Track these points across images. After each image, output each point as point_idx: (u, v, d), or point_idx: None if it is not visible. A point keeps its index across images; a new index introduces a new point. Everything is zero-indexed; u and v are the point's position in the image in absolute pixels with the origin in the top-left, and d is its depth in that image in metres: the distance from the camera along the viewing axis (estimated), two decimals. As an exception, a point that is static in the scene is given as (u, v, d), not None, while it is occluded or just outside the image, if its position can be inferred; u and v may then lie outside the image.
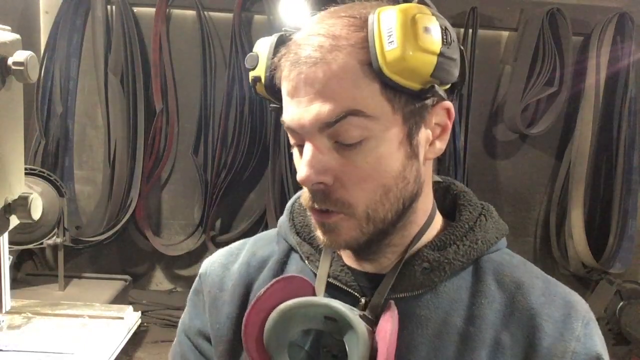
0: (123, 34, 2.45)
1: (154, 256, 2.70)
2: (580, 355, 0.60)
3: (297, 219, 0.71)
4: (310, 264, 0.66)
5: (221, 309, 0.69)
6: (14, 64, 0.63)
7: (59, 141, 2.51)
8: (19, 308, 1.64)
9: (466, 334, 0.61)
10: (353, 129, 0.56)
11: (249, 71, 0.64)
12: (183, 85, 2.59)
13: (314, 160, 0.56)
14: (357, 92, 0.55)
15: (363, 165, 0.57)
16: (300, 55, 0.56)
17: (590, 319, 0.63)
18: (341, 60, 0.55)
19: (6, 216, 0.66)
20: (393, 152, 0.58)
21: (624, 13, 2.49)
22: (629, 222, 2.55)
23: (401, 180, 0.60)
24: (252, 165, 2.60)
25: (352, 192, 0.57)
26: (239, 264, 0.72)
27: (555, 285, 0.65)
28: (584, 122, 2.55)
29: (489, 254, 0.65)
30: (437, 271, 0.62)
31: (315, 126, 0.56)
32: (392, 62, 0.54)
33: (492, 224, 0.66)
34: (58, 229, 2.07)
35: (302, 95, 0.56)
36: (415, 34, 0.54)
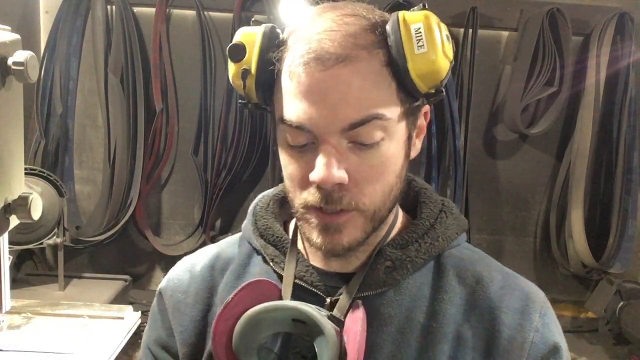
0: (123, 34, 2.45)
1: (154, 256, 2.70)
2: (539, 345, 0.62)
3: (259, 222, 0.71)
4: (275, 266, 0.67)
5: (185, 312, 0.70)
6: (14, 64, 0.63)
7: (59, 141, 2.51)
8: (19, 308, 1.64)
9: (428, 329, 0.62)
10: (374, 131, 0.56)
11: (232, 62, 0.61)
12: (183, 85, 2.59)
13: (334, 160, 0.55)
14: (378, 94, 0.56)
15: (376, 166, 0.58)
16: (319, 51, 0.55)
17: (548, 308, 0.65)
18: (364, 59, 0.55)
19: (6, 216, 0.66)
20: (399, 152, 0.60)
21: (624, 13, 2.48)
22: (629, 222, 2.55)
23: (399, 179, 0.62)
24: (252, 165, 2.60)
25: (365, 191, 0.58)
26: (201, 268, 0.73)
27: (514, 278, 0.67)
28: (584, 122, 2.55)
29: (449, 249, 0.67)
30: (400, 269, 0.63)
31: (339, 127, 0.55)
32: (420, 65, 0.55)
33: (452, 220, 0.68)
34: (58, 229, 2.07)
35: (322, 94, 0.55)
36: (442, 40, 0.57)
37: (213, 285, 0.71)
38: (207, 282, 0.71)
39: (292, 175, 0.60)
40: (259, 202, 0.76)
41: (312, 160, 0.57)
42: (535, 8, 2.50)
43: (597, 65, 2.50)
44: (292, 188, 0.61)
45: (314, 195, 0.58)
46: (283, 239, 0.69)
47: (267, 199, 0.76)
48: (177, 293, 0.72)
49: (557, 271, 2.71)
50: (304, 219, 0.62)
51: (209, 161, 2.61)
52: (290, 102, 0.57)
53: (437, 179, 2.48)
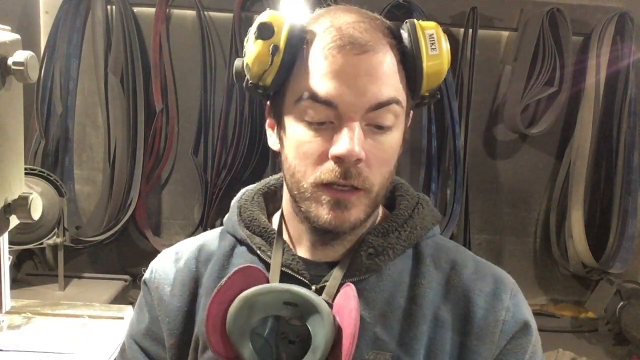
0: (123, 34, 2.45)
1: (154, 256, 2.65)
2: (510, 323, 0.67)
3: (244, 213, 0.76)
4: (262, 254, 0.70)
5: (171, 303, 0.72)
6: (14, 64, 0.63)
7: (59, 141, 2.51)
8: (19, 308, 1.64)
9: (409, 312, 0.66)
10: (391, 115, 0.63)
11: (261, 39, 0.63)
12: (183, 85, 2.59)
13: (358, 136, 0.60)
14: (396, 83, 0.64)
15: (387, 150, 0.64)
16: (353, 38, 0.61)
17: (517, 291, 0.71)
18: (388, 52, 0.63)
19: (6, 216, 0.66)
20: (399, 143, 0.67)
21: (624, 13, 2.49)
22: (629, 222, 2.55)
23: (395, 169, 0.68)
24: (252, 165, 2.60)
25: (375, 172, 0.63)
26: (185, 259, 0.75)
27: (485, 264, 0.73)
28: (584, 122, 2.55)
29: (426, 239, 0.72)
30: (382, 255, 0.68)
31: (365, 105, 0.61)
32: (432, 64, 0.63)
33: (428, 211, 0.73)
34: (58, 229, 2.07)
35: (354, 75, 0.60)
36: (447, 47, 0.65)
37: (198, 276, 0.73)
38: (192, 273, 0.74)
39: (307, 152, 0.63)
40: (242, 195, 0.81)
41: (330, 138, 0.61)
42: (535, 8, 2.50)
43: (597, 65, 2.50)
44: (303, 167, 0.64)
45: (332, 171, 0.61)
46: (269, 229, 0.72)
47: (251, 193, 0.80)
48: (162, 284, 0.74)
49: (557, 271, 2.71)
50: (313, 197, 0.64)
51: (209, 161, 2.61)
52: (321, 79, 0.61)
53: (437, 179, 2.48)
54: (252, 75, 0.66)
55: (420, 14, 2.37)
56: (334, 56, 0.61)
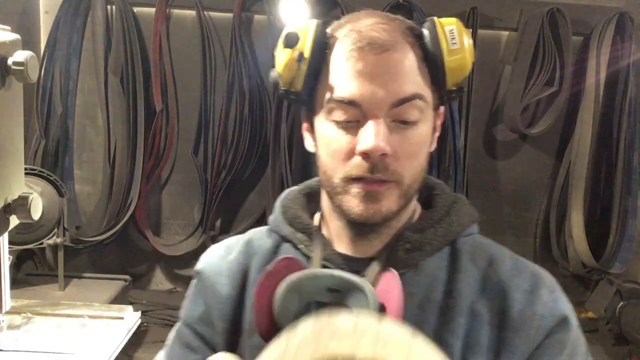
0: (123, 34, 2.45)
1: (154, 256, 2.70)
2: (547, 317, 0.67)
3: (288, 212, 0.78)
4: (305, 249, 0.73)
5: (221, 291, 0.76)
6: (14, 64, 0.63)
7: (59, 141, 2.51)
8: (19, 308, 1.64)
9: (446, 305, 0.68)
10: (415, 110, 0.65)
11: (288, 48, 0.67)
12: (183, 85, 2.59)
13: (382, 132, 0.63)
14: (419, 79, 0.66)
15: (414, 144, 0.66)
16: (372, 38, 0.64)
17: (556, 288, 0.71)
18: (408, 50, 0.65)
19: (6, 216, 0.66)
20: (428, 137, 0.69)
21: (624, 13, 2.49)
22: (629, 222, 2.55)
23: (425, 164, 0.70)
24: (252, 165, 2.60)
25: (404, 165, 0.65)
26: (236, 252, 0.79)
27: (523, 262, 0.73)
28: (584, 122, 2.55)
29: (463, 237, 0.73)
30: (418, 251, 0.70)
31: (388, 102, 0.63)
32: (453, 58, 0.66)
33: (465, 210, 0.75)
34: (58, 229, 2.07)
35: (377, 74, 0.63)
36: (469, 41, 0.67)
37: (246, 269, 0.77)
38: (241, 266, 0.78)
39: (336, 150, 0.66)
40: (286, 195, 0.83)
41: (357, 136, 0.64)
42: (535, 8, 2.50)
43: (597, 65, 2.51)
44: (334, 164, 0.67)
45: (360, 166, 0.64)
46: (311, 226, 0.76)
47: (294, 193, 0.83)
48: (214, 275, 0.78)
49: (557, 271, 2.71)
50: (344, 191, 0.67)
51: (209, 161, 2.61)
52: (344, 81, 0.65)
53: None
54: (284, 83, 0.70)
55: (420, 14, 2.37)
56: (355, 57, 0.64)
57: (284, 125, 2.48)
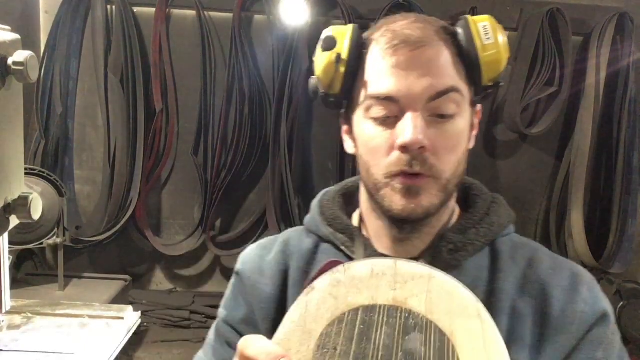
0: (123, 34, 2.45)
1: (154, 256, 2.70)
2: (588, 314, 0.68)
3: (327, 212, 0.79)
4: (347, 250, 0.74)
5: (264, 291, 0.77)
6: (14, 64, 0.63)
7: (59, 141, 2.51)
8: (19, 308, 1.64)
9: (488, 305, 0.67)
10: (452, 104, 0.66)
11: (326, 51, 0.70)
12: (183, 85, 2.59)
13: (420, 125, 0.64)
14: (455, 73, 0.67)
15: (452, 137, 0.67)
16: (407, 36, 0.66)
17: (595, 284, 0.72)
18: (442, 47, 0.67)
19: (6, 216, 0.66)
20: (466, 132, 0.70)
21: (624, 13, 2.49)
22: (629, 222, 2.55)
23: (464, 160, 0.72)
24: (252, 165, 2.60)
25: (442, 160, 0.66)
26: (274, 253, 0.80)
27: (562, 260, 0.74)
28: (584, 122, 2.55)
29: (502, 237, 0.74)
30: (462, 251, 0.71)
31: (425, 96, 0.65)
32: (488, 53, 0.67)
33: (503, 210, 0.77)
34: (58, 229, 2.07)
35: (412, 69, 0.65)
36: (503, 37, 0.69)
37: (285, 268, 0.78)
38: (281, 266, 0.78)
39: (376, 146, 0.67)
40: (323, 196, 0.83)
41: (395, 131, 0.66)
42: (535, 8, 2.50)
43: (597, 65, 2.50)
44: (374, 160, 0.68)
45: (399, 160, 0.65)
46: (351, 227, 0.76)
47: (332, 194, 0.84)
48: (254, 274, 0.79)
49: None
50: (385, 187, 0.68)
51: (209, 161, 2.61)
52: (381, 78, 0.67)
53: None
54: (323, 86, 0.72)
55: (421, 14, 2.37)
56: (390, 55, 0.66)
57: (284, 125, 2.48)
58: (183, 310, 2.46)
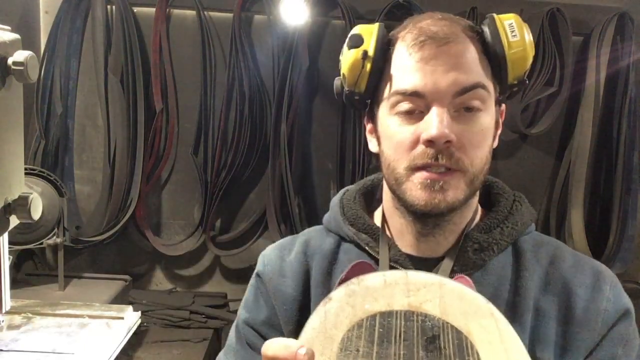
0: (123, 34, 2.45)
1: (154, 256, 2.70)
2: (611, 312, 0.69)
3: (348, 212, 0.78)
4: (371, 250, 0.74)
5: (286, 292, 0.76)
6: (14, 64, 0.63)
7: (59, 141, 2.51)
8: (19, 308, 1.64)
9: (513, 303, 0.68)
10: (477, 99, 0.66)
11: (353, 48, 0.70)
12: (183, 85, 2.59)
13: (446, 120, 0.64)
14: (480, 70, 0.67)
15: (478, 132, 0.67)
16: (433, 32, 0.66)
17: (617, 282, 0.73)
18: (469, 43, 0.67)
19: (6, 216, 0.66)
20: (491, 128, 0.70)
21: (624, 13, 2.48)
22: (629, 222, 2.55)
23: (489, 157, 0.71)
24: (252, 165, 2.60)
25: (469, 154, 0.66)
26: (294, 253, 0.79)
27: (584, 258, 0.74)
28: (584, 122, 2.55)
29: (524, 235, 0.75)
30: (487, 251, 0.70)
31: (451, 91, 0.65)
32: (514, 50, 0.67)
33: (525, 208, 0.78)
34: (58, 229, 2.07)
35: (439, 65, 0.65)
36: (529, 35, 0.69)
37: (307, 268, 0.77)
38: (303, 266, 0.77)
39: (400, 141, 0.67)
40: (344, 195, 0.82)
41: (421, 125, 0.65)
42: (535, 8, 2.50)
43: (597, 65, 2.50)
44: (398, 155, 0.68)
45: (424, 153, 0.65)
46: (373, 227, 0.76)
47: (352, 193, 0.83)
48: (276, 276, 0.78)
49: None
50: (408, 181, 0.67)
51: (209, 161, 2.61)
52: (407, 73, 0.66)
53: (437, 179, 2.47)
54: (349, 84, 0.71)
55: (420, 13, 2.37)
56: (416, 51, 0.66)
57: (284, 125, 2.48)
58: (183, 310, 2.46)
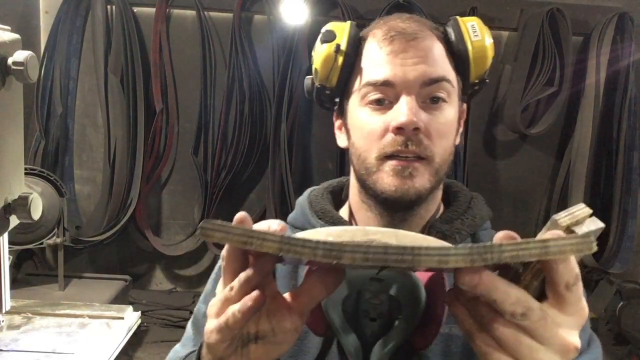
0: (123, 34, 2.45)
1: (154, 256, 2.70)
2: None
3: (316, 207, 0.81)
4: None
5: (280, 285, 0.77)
6: (14, 64, 0.63)
7: (59, 141, 2.51)
8: (19, 308, 1.64)
9: None
10: (443, 92, 0.70)
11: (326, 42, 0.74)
12: (183, 85, 2.59)
13: (415, 108, 0.67)
14: (446, 65, 0.71)
15: (444, 123, 0.70)
16: (402, 28, 0.71)
17: None
18: (435, 40, 0.72)
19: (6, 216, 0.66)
20: (455, 122, 0.73)
21: (624, 13, 2.49)
22: (629, 222, 2.55)
23: (452, 151, 0.73)
24: (252, 165, 2.60)
25: (435, 143, 0.69)
26: None
27: None
28: (584, 122, 2.55)
29: (482, 230, 0.77)
30: (449, 239, 0.73)
31: (419, 81, 0.68)
32: (476, 49, 0.72)
33: (482, 205, 0.80)
34: (58, 229, 2.07)
35: (408, 57, 0.69)
36: (489, 37, 0.74)
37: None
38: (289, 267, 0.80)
39: (370, 130, 0.70)
40: (311, 192, 0.86)
41: (390, 114, 0.69)
42: (535, 8, 2.50)
43: (597, 65, 2.50)
44: (368, 144, 0.71)
45: (394, 141, 0.68)
46: (342, 220, 0.78)
47: (319, 191, 0.86)
48: None
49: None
50: (378, 170, 0.70)
51: (209, 161, 2.61)
52: (378, 66, 0.70)
53: (437, 179, 2.48)
54: (320, 78, 0.75)
55: (421, 14, 2.37)
56: (387, 45, 0.70)
57: (284, 125, 2.48)
58: (183, 310, 2.46)
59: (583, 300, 0.44)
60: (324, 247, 0.39)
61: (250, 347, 0.49)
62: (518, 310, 0.42)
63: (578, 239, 0.40)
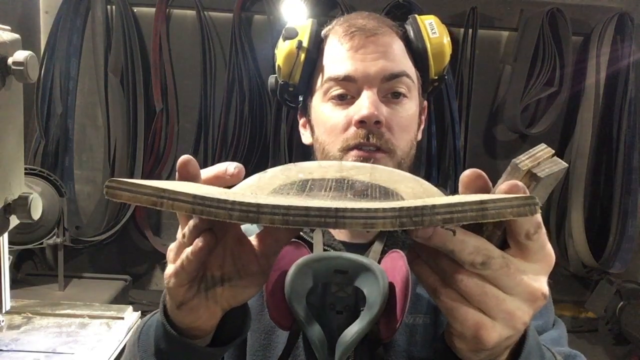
0: (123, 34, 2.45)
1: (154, 256, 2.70)
2: None
3: None
4: (305, 235, 0.76)
5: None
6: (14, 64, 0.63)
7: (59, 141, 2.51)
8: (19, 308, 1.64)
9: None
10: (403, 87, 0.72)
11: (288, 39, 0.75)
12: (183, 85, 2.59)
13: (376, 102, 0.69)
14: (406, 61, 0.73)
15: (405, 117, 0.72)
16: (362, 24, 0.72)
17: None
18: (395, 37, 0.74)
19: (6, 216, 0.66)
20: (416, 117, 0.74)
21: (624, 13, 2.49)
22: (629, 222, 2.55)
23: (414, 145, 0.74)
24: (252, 165, 2.60)
25: (396, 136, 0.70)
26: None
27: None
28: (584, 122, 2.55)
29: None
30: None
31: (379, 76, 0.70)
32: (434, 45, 0.74)
33: None
34: (58, 229, 2.07)
35: (368, 53, 0.70)
36: (447, 32, 0.76)
37: None
38: None
39: (334, 124, 0.71)
40: None
41: (352, 108, 0.70)
42: (535, 8, 2.50)
43: (597, 65, 2.50)
44: (332, 137, 0.72)
45: (357, 134, 0.69)
46: None
47: None
48: None
49: (557, 271, 2.71)
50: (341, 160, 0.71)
51: (209, 161, 2.61)
52: (339, 62, 0.72)
53: (437, 179, 2.48)
54: (283, 75, 0.76)
55: (420, 13, 2.37)
56: (347, 41, 0.71)
57: (284, 125, 2.48)
58: (183, 310, 2.46)
59: (547, 246, 0.42)
60: (240, 209, 0.37)
61: (217, 289, 0.49)
62: (478, 259, 0.40)
63: (520, 201, 0.37)
